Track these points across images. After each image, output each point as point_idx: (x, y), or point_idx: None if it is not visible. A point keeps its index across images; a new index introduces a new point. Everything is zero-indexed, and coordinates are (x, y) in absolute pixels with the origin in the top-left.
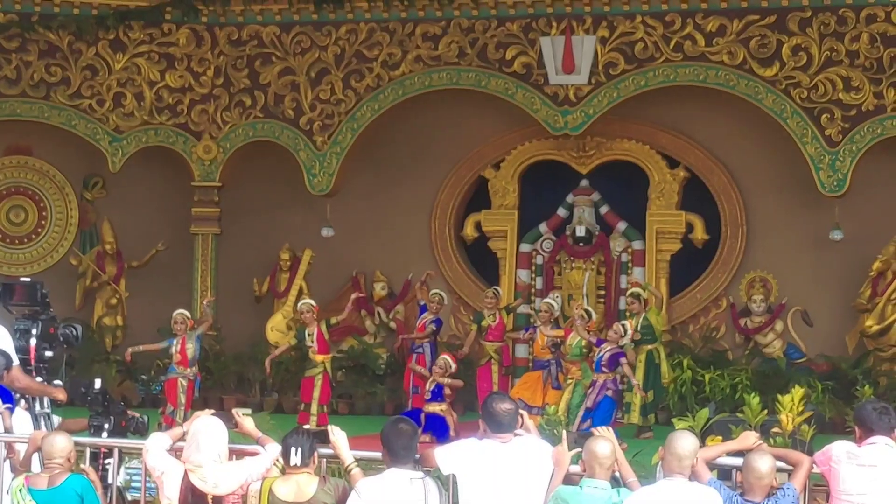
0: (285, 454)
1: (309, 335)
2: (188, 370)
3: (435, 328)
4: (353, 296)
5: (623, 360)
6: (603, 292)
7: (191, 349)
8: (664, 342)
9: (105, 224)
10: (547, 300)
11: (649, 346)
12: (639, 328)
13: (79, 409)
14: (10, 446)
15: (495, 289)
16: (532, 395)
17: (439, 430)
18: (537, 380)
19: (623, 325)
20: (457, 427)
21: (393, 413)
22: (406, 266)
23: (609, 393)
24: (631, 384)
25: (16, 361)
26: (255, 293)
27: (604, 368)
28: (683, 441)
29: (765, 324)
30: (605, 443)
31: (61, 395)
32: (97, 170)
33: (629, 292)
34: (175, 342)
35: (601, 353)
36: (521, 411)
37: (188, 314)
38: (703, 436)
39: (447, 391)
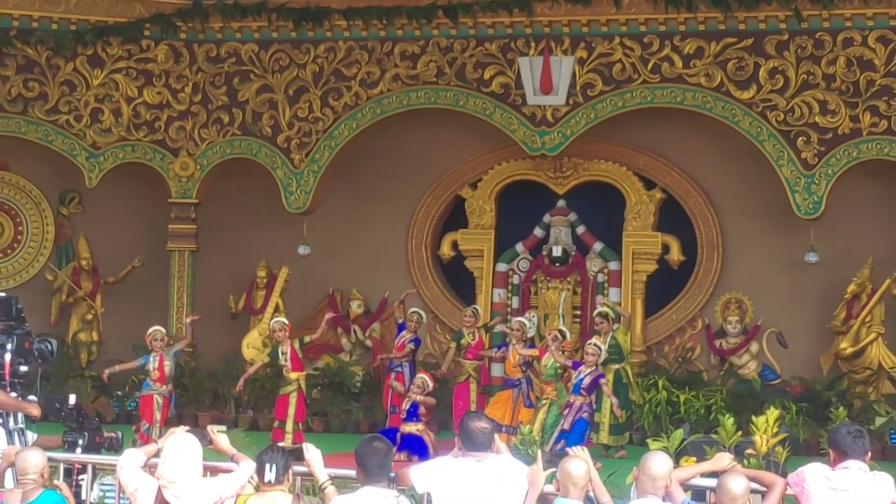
0: (260, 471)
1: (282, 353)
2: (164, 387)
3: (413, 347)
4: (327, 315)
5: (602, 380)
6: (579, 312)
7: (168, 366)
8: (640, 363)
9: (81, 240)
10: (519, 319)
11: (616, 366)
12: (606, 348)
13: (53, 425)
14: None
15: (474, 308)
16: (503, 415)
17: (416, 449)
18: (507, 399)
19: (597, 345)
20: (435, 445)
21: (368, 431)
22: (382, 284)
23: (585, 416)
24: (600, 405)
25: None
26: (231, 310)
27: (583, 391)
28: (657, 461)
29: (740, 345)
30: (579, 463)
31: (35, 411)
32: (74, 185)
33: (596, 312)
34: (152, 359)
35: (581, 377)
36: (495, 435)
37: (164, 330)
38: (678, 456)
39: (422, 410)
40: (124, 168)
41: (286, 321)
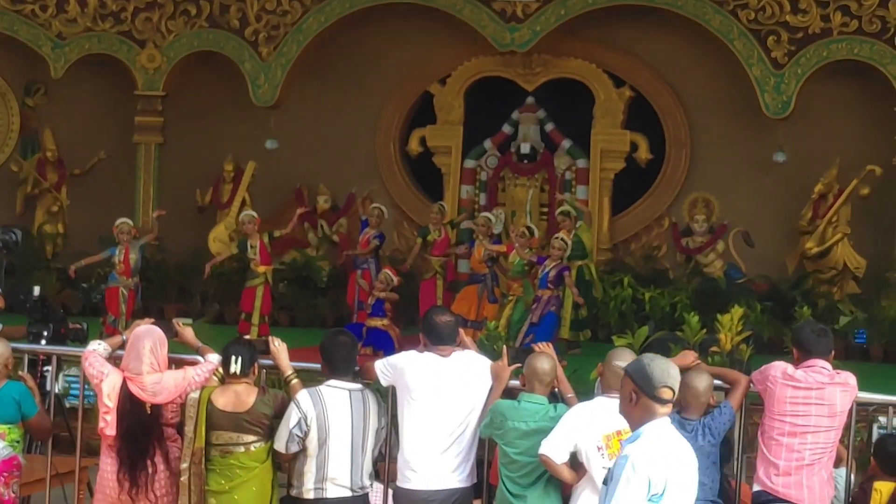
0: (225, 363)
1: (251, 247)
2: (130, 280)
3: (378, 243)
4: (299, 210)
5: (566, 273)
6: (546, 210)
7: (133, 258)
8: (606, 260)
9: (46, 131)
10: (485, 214)
11: (580, 262)
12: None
13: (18, 317)
14: None
15: (441, 204)
16: (468, 310)
17: (382, 344)
18: (473, 294)
19: (563, 239)
20: (400, 341)
21: (334, 326)
22: (350, 180)
23: (553, 309)
24: (562, 301)
25: None
26: (197, 204)
27: (549, 285)
28: (622, 358)
29: (706, 244)
30: (546, 359)
31: None
32: (39, 76)
33: (558, 210)
34: (118, 251)
35: (547, 270)
36: (459, 329)
37: (131, 223)
38: (643, 353)
39: (387, 305)
40: (90, 59)
41: (255, 215)
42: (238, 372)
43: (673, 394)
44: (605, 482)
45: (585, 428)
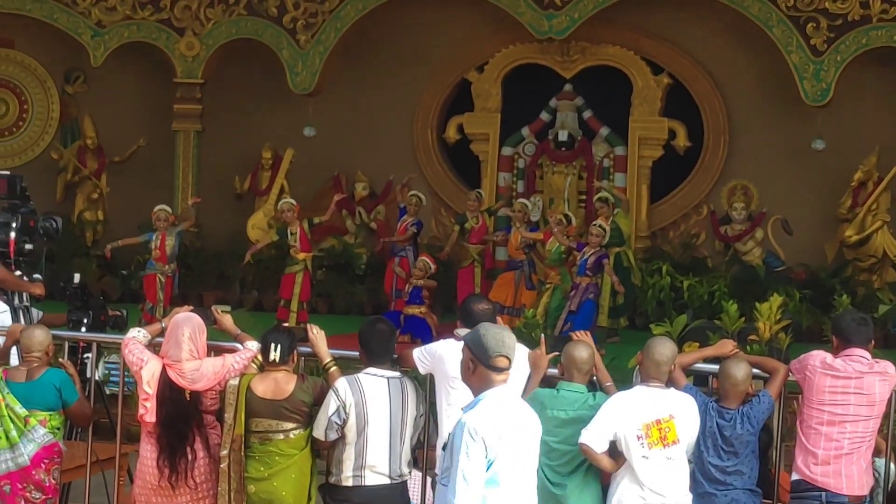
0: (264, 350)
1: (291, 234)
2: (167, 266)
3: (416, 230)
4: (336, 197)
5: (605, 261)
6: (584, 197)
7: (170, 245)
8: (644, 248)
9: (86, 119)
10: (522, 200)
11: (617, 249)
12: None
13: (58, 304)
14: None
15: (478, 191)
16: (506, 296)
17: (419, 332)
18: (510, 281)
19: (601, 226)
20: (437, 328)
21: (372, 313)
22: (388, 167)
23: (591, 296)
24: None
25: None
26: (236, 191)
27: (588, 272)
28: (662, 347)
29: (745, 231)
30: (584, 347)
31: (38, 290)
32: (79, 64)
33: (596, 197)
34: (155, 237)
35: (585, 257)
36: (497, 317)
37: (169, 210)
38: (681, 342)
39: (425, 293)
40: (130, 47)
41: (294, 202)
42: (277, 359)
43: (508, 362)
44: (444, 448)
45: (625, 417)
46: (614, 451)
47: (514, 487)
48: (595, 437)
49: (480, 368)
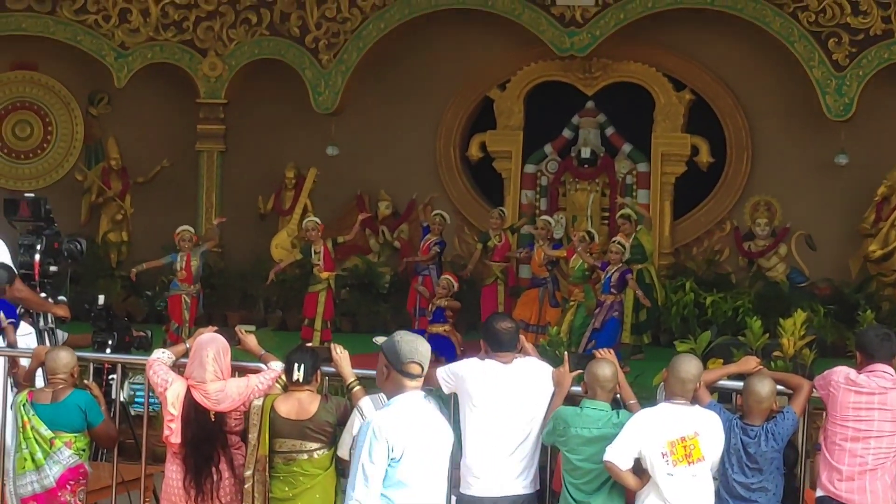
0: (288, 370)
1: (315, 252)
2: (192, 287)
3: (439, 250)
4: (361, 216)
5: (629, 276)
6: (607, 214)
7: (195, 265)
8: (668, 264)
9: (110, 140)
10: (545, 217)
11: (640, 266)
12: (630, 248)
13: (83, 325)
14: (13, 361)
15: (500, 209)
16: (530, 314)
17: (444, 350)
18: (535, 298)
19: (620, 243)
20: (462, 347)
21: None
22: (411, 185)
23: (615, 314)
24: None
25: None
26: (259, 210)
27: (612, 289)
28: (688, 365)
29: (768, 247)
30: (607, 365)
31: (62, 312)
32: (102, 86)
33: (619, 214)
34: (179, 258)
35: (609, 275)
36: (520, 335)
37: (193, 230)
38: (705, 358)
39: (448, 312)
40: (153, 68)
41: (319, 221)
42: (301, 379)
43: (421, 369)
44: (351, 448)
45: (650, 434)
46: (638, 469)
47: (421, 490)
48: (620, 455)
49: (393, 374)
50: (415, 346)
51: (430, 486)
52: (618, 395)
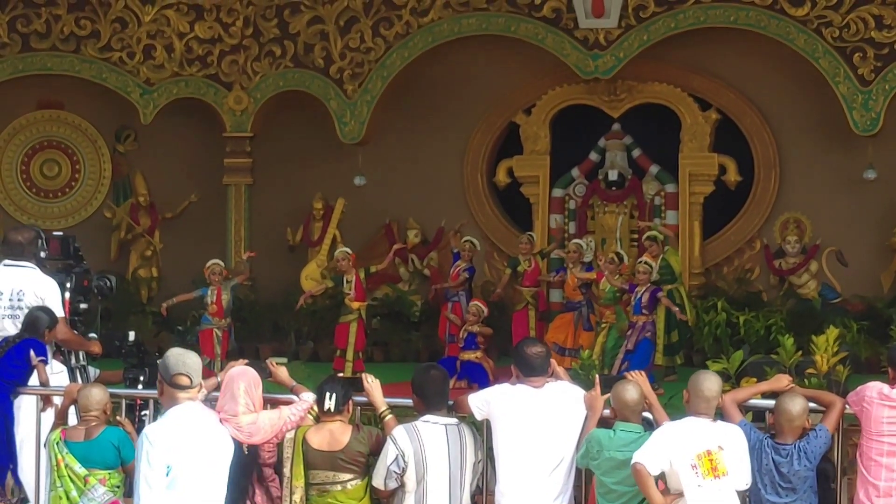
0: (319, 400)
1: (347, 282)
2: (223, 321)
3: (468, 276)
4: (396, 246)
5: (660, 294)
6: (636, 236)
7: (226, 299)
8: (699, 284)
9: (138, 176)
10: (576, 240)
11: (669, 287)
12: (658, 269)
13: (114, 362)
14: (46, 399)
15: (529, 234)
16: (565, 337)
17: (476, 377)
18: (569, 321)
19: (647, 263)
20: (494, 373)
21: (428, 360)
22: (439, 213)
23: (648, 335)
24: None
25: (60, 314)
26: (288, 242)
27: (643, 310)
28: (709, 382)
29: (799, 265)
30: (632, 388)
31: (96, 349)
32: (129, 122)
33: (645, 236)
34: (210, 292)
35: (639, 295)
36: (550, 360)
37: (223, 264)
38: (738, 378)
39: (480, 338)
40: (178, 103)
41: (349, 251)
42: (332, 408)
43: (189, 380)
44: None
45: (679, 445)
46: (665, 492)
47: (192, 495)
48: (650, 458)
49: (165, 387)
50: (182, 360)
51: (203, 491)
52: (650, 416)
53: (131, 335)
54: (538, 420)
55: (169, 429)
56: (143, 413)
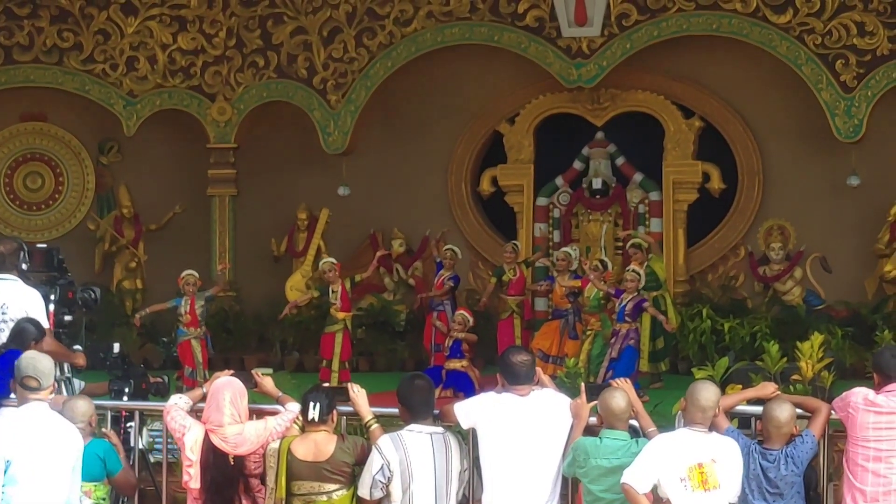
0: (303, 410)
1: (333, 292)
2: (198, 330)
3: (453, 284)
4: (378, 253)
5: (646, 304)
6: (620, 244)
7: (199, 308)
8: (683, 292)
9: (122, 188)
10: (565, 249)
11: (654, 294)
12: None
13: (100, 374)
14: None
15: (514, 243)
16: (550, 345)
17: (462, 386)
18: (555, 329)
19: (636, 271)
20: (480, 381)
21: (414, 369)
22: (423, 222)
23: (632, 343)
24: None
25: (46, 325)
26: (273, 253)
27: (627, 318)
28: (707, 392)
29: (783, 271)
30: (619, 396)
31: (81, 361)
32: (112, 134)
33: (629, 244)
34: (184, 302)
35: (624, 303)
36: (536, 368)
37: (197, 274)
38: (723, 384)
39: (465, 346)
40: (162, 115)
41: (335, 261)
42: (316, 418)
43: (37, 382)
44: None
45: (669, 459)
46: (655, 498)
47: (33, 488)
48: (638, 478)
49: (17, 387)
50: (33, 363)
51: (45, 486)
52: (636, 423)
53: (116, 347)
54: (524, 428)
55: (11, 425)
56: (128, 425)
